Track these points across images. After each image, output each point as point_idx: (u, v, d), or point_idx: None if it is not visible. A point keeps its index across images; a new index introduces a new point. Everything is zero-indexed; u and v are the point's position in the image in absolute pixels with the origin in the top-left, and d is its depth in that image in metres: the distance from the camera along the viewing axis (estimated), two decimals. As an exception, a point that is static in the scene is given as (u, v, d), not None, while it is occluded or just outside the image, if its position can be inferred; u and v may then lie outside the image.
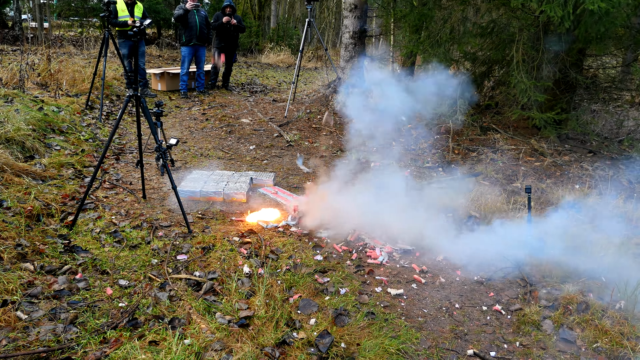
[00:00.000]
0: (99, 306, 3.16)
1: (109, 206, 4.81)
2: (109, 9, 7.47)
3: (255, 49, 21.12)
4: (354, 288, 3.61)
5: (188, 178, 5.56)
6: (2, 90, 6.90)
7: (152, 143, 6.85)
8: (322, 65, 16.11)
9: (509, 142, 7.07)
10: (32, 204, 4.34)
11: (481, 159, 6.60)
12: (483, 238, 4.38)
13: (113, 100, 9.37)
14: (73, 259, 3.74)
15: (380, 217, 4.71)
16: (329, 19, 25.89)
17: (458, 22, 7.12)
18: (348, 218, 4.64)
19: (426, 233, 4.43)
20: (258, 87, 12.78)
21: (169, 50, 17.97)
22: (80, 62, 10.40)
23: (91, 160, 5.93)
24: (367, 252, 4.18)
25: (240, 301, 3.31)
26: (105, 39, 7.65)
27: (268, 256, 3.99)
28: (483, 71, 7.80)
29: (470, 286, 3.75)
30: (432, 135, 7.58)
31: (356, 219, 4.64)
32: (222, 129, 8.16)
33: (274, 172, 6.14)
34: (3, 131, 5.42)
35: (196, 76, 10.88)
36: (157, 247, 4.03)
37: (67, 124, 6.71)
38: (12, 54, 12.29)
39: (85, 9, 19.44)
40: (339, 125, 8.42)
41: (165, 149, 4.43)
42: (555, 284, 3.72)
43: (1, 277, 3.20)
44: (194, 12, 10.11)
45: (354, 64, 9.55)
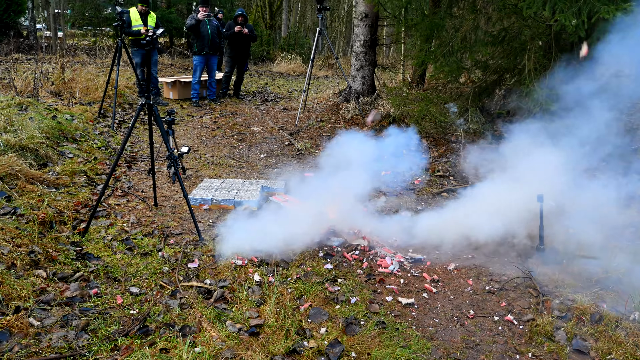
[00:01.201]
0: (110, 313, 3.17)
1: (121, 214, 4.84)
2: (122, 19, 7.56)
3: (266, 58, 21.24)
4: (364, 297, 3.60)
5: (199, 186, 5.59)
6: (17, 99, 6.98)
7: (163, 151, 6.90)
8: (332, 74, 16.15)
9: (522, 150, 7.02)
10: (45, 211, 4.38)
11: (493, 167, 6.55)
12: (494, 247, 4.35)
13: (125, 108, 9.45)
14: (85, 266, 3.76)
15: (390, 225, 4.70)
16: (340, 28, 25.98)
17: (469, 31, 7.11)
18: (358, 226, 4.63)
19: (436, 242, 4.41)
20: (269, 95, 12.83)
21: (181, 59, 18.12)
22: (94, 71, 10.51)
23: (103, 168, 5.97)
24: (377, 261, 4.17)
25: (250, 309, 3.31)
26: (118, 48, 7.74)
27: (278, 264, 3.98)
28: (494, 79, 7.77)
29: (481, 296, 3.72)
30: (442, 143, 7.55)
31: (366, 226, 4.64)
32: (233, 137, 8.20)
33: (285, 180, 6.15)
34: (17, 139, 5.48)
35: (208, 85, 10.95)
36: (168, 255, 4.05)
37: (80, 132, 6.77)
38: (26, 63, 12.45)
39: (98, 18, 19.68)
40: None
41: (176, 157, 4.46)
42: (568, 293, 3.68)
43: (14, 284, 3.23)
44: (205, 21, 10.20)
45: (364, 73, 9.57)
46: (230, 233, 4.27)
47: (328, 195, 4.66)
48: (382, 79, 10.77)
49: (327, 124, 9.02)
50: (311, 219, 4.48)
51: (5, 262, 3.43)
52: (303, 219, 4.47)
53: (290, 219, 4.51)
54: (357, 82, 9.65)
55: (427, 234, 4.57)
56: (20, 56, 14.39)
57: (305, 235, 4.33)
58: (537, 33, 6.56)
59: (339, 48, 26.09)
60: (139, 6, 9.16)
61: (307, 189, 5.13)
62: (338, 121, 9.15)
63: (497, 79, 7.75)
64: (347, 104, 9.60)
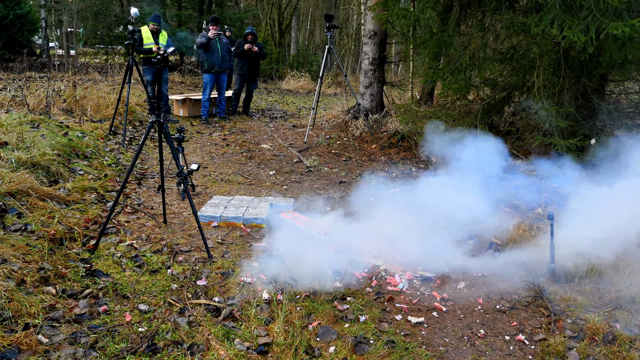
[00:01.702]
0: (118, 331, 3.17)
1: (130, 231, 4.86)
2: (134, 37, 7.66)
3: (275, 75, 21.39)
4: (373, 315, 3.57)
5: (208, 203, 5.60)
6: (30, 116, 7.07)
7: (173, 168, 6.93)
8: (341, 91, 16.22)
9: (531, 167, 7.00)
10: (55, 228, 4.40)
11: (502, 184, 6.53)
12: (505, 265, 4.31)
13: (136, 125, 9.53)
14: (94, 283, 3.76)
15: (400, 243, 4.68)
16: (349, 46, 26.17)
17: (478, 49, 7.13)
18: (367, 244, 4.62)
19: (447, 260, 4.38)
20: (278, 113, 12.90)
21: (191, 77, 18.29)
22: (105, 89, 10.63)
23: (114, 185, 6.01)
24: (386, 279, 4.14)
25: (259, 327, 3.29)
26: (129, 66, 7.83)
27: (287, 282, 3.97)
28: (503, 97, 7.77)
29: (492, 315, 3.68)
30: (452, 161, 7.54)
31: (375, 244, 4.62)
32: (242, 155, 8.23)
33: (294, 197, 6.15)
34: (29, 156, 5.54)
35: (217, 102, 11.04)
36: (177, 272, 4.05)
37: (91, 149, 6.83)
38: (39, 81, 12.62)
39: (110, 37, 19.98)
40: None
41: (186, 174, 4.48)
42: (580, 313, 3.63)
43: (24, 300, 3.24)
44: (216, 40, 10.31)
45: (373, 90, 9.61)
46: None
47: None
48: (390, 96, 10.81)
49: (336, 141, 9.04)
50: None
51: (16, 279, 3.45)
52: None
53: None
54: (366, 100, 9.69)
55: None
56: (33, 74, 14.59)
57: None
58: (545, 50, 6.58)
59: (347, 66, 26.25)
60: (150, 25, 9.30)
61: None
62: (347, 138, 9.17)
63: (506, 96, 7.76)
64: (356, 121, 9.63)
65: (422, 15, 7.68)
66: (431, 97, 11.30)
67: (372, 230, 4.88)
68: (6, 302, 3.13)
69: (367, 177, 6.96)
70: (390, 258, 4.47)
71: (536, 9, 6.96)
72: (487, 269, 4.32)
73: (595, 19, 5.49)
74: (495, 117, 8.26)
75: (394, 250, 4.61)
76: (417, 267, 4.33)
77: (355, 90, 10.41)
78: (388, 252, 4.57)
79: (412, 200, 5.69)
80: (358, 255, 4.51)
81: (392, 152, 8.21)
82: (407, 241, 4.79)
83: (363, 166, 7.75)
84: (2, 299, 3.14)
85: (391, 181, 6.72)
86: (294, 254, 4.45)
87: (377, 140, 8.72)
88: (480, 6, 7.49)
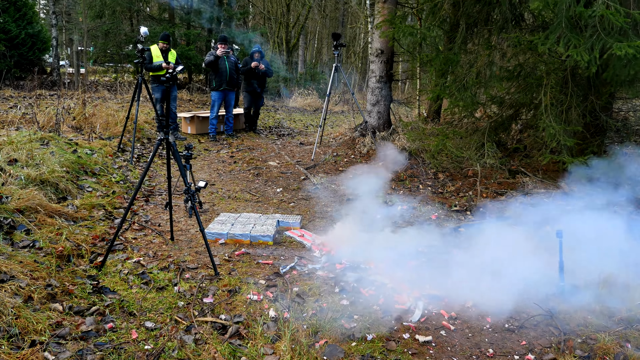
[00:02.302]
0: (125, 348, 3.16)
1: (138, 247, 4.86)
2: (143, 56, 7.75)
3: (282, 93, 21.52)
4: (381, 334, 3.54)
5: (215, 220, 5.61)
6: (39, 133, 7.14)
7: (181, 185, 6.96)
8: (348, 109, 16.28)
9: (539, 185, 6.97)
10: (63, 245, 4.42)
11: (510, 202, 6.51)
12: (513, 284, 4.28)
13: (144, 143, 9.60)
14: (101, 300, 3.76)
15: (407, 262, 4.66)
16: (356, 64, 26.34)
17: (484, 66, 7.16)
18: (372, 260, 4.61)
19: (455, 278, 4.35)
20: (285, 130, 12.95)
21: (199, 95, 18.43)
22: (114, 106, 10.73)
23: (121, 201, 6.04)
24: (394, 297, 4.11)
25: (265, 346, 3.27)
26: (138, 84, 7.92)
27: (294, 300, 3.95)
28: (510, 114, 7.78)
29: (501, 334, 3.64)
30: (459, 178, 7.53)
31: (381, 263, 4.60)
32: (249, 172, 8.26)
33: (301, 214, 6.15)
34: (38, 173, 5.58)
35: (225, 120, 11.11)
36: (184, 289, 4.04)
37: (100, 166, 6.88)
38: (49, 99, 12.75)
39: (120, 55, 20.21)
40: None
41: (193, 192, 4.49)
42: (591, 332, 3.59)
43: (31, 317, 3.24)
44: (224, 58, 10.40)
45: (380, 108, 9.64)
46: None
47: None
48: (397, 113, 10.84)
49: (343, 158, 9.06)
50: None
51: (23, 295, 3.45)
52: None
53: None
54: (373, 117, 9.72)
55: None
56: (44, 92, 14.75)
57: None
58: (552, 68, 6.59)
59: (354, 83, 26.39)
60: (160, 43, 9.42)
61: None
62: (354, 156, 9.18)
63: (513, 113, 7.76)
64: (363, 138, 9.66)
65: (429, 33, 7.72)
66: (438, 114, 11.33)
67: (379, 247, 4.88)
68: (13, 319, 3.14)
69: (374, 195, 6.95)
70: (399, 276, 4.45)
71: (542, 27, 6.99)
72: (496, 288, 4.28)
73: (600, 38, 5.51)
74: (503, 135, 8.25)
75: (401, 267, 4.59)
76: (424, 286, 4.31)
77: (363, 108, 10.45)
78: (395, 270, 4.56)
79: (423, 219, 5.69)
80: (365, 273, 4.50)
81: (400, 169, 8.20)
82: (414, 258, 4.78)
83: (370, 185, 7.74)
84: (10, 316, 3.14)
85: (399, 198, 6.70)
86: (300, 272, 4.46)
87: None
88: (486, 25, 7.53)
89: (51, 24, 17.76)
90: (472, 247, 4.93)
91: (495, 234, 5.04)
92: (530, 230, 5.03)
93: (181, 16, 20.12)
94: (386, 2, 9.18)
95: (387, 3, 9.18)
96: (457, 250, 4.93)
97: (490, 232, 5.13)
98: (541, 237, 4.72)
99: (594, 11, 5.44)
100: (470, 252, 4.84)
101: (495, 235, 5.00)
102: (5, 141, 6.36)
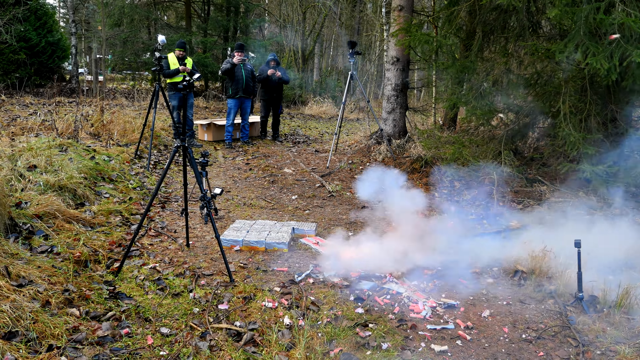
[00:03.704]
0: (140, 354, 3.17)
1: (154, 254, 4.89)
2: (161, 64, 7.83)
3: (298, 101, 21.58)
4: (396, 343, 3.51)
5: (231, 227, 5.62)
6: (58, 140, 7.23)
7: (197, 192, 7.00)
8: (364, 117, 16.29)
9: (556, 194, 6.89)
10: (80, 250, 4.46)
11: (527, 211, 6.44)
12: (531, 294, 4.22)
13: (161, 150, 9.67)
14: (117, 306, 3.79)
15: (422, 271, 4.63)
16: (371, 72, 26.32)
17: (501, 74, 7.11)
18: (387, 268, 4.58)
19: (471, 287, 4.31)
20: (301, 137, 12.98)
21: (216, 102, 18.56)
22: (131, 114, 10.84)
23: (138, 208, 6.08)
24: (409, 306, 4.08)
25: (280, 353, 3.26)
26: (155, 92, 7.99)
27: (309, 307, 3.94)
28: (527, 122, 7.71)
29: (518, 344, 3.59)
30: (475, 186, 7.47)
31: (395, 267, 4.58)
32: (265, 179, 8.28)
33: (316, 222, 6.14)
34: (57, 179, 5.65)
35: (241, 127, 11.16)
36: (199, 296, 4.05)
37: (117, 173, 6.94)
38: (68, 106, 12.93)
39: (137, 63, 20.44)
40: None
41: (209, 198, 4.51)
42: (610, 344, 3.52)
43: (48, 322, 3.26)
44: (240, 66, 10.47)
45: (396, 115, 9.62)
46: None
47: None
48: (413, 121, 10.81)
49: (358, 166, 9.04)
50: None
51: (41, 300, 3.49)
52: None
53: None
54: (389, 125, 9.70)
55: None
56: (63, 99, 14.96)
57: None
58: (570, 76, 6.53)
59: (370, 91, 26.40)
60: (177, 51, 9.51)
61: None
62: (369, 163, 9.16)
63: (530, 121, 7.69)
64: (379, 146, 9.64)
65: (445, 41, 7.70)
66: (454, 122, 11.27)
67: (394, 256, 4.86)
68: (31, 323, 3.16)
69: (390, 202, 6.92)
70: (414, 284, 4.42)
71: (560, 35, 6.93)
72: (513, 297, 4.24)
73: (620, 45, 5.45)
74: (520, 143, 8.18)
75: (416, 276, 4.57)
76: (440, 294, 4.27)
77: (378, 116, 10.44)
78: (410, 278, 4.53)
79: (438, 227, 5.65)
80: (380, 281, 4.48)
81: (415, 177, 8.16)
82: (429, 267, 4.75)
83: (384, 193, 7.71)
84: (28, 320, 3.17)
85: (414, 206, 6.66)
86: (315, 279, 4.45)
87: (399, 166, 8.69)
88: (503, 32, 7.49)
89: (70, 32, 18.05)
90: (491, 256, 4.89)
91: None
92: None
93: (198, 24, 20.32)
94: (402, 10, 9.18)
95: (403, 11, 9.18)
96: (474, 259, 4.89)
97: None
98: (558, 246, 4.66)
99: (614, 19, 5.38)
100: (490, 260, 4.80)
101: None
102: (25, 147, 6.46)
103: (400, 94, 9.57)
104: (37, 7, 17.41)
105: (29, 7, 16.38)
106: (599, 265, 4.38)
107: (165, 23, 22.31)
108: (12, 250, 4.07)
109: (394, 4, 9.43)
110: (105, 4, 19.35)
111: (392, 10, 9.56)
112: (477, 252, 4.99)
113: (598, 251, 4.52)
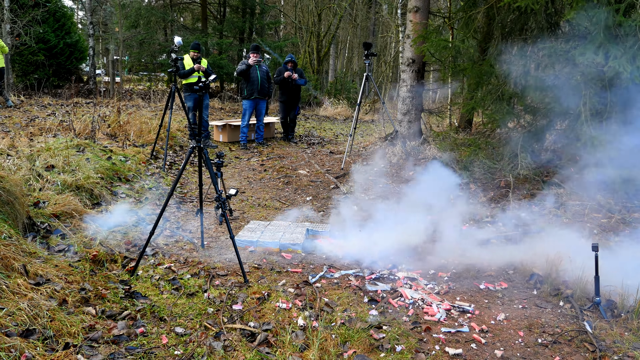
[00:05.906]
0: (155, 353, 3.19)
1: (169, 254, 4.92)
2: (177, 65, 7.88)
3: (313, 102, 21.61)
4: (410, 345, 3.49)
5: (245, 228, 5.64)
6: (75, 140, 7.30)
7: (212, 192, 7.03)
8: (379, 118, 16.24)
9: (573, 197, 6.81)
10: (97, 250, 4.50)
11: (543, 214, 6.37)
12: (547, 297, 4.17)
13: (176, 150, 9.74)
14: (133, 305, 3.81)
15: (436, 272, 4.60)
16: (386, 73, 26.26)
17: (519, 77, 7.05)
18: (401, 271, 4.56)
19: (486, 290, 4.27)
20: (315, 139, 12.98)
21: (231, 103, 18.64)
22: (147, 114, 10.94)
23: (154, 208, 6.12)
24: (424, 309, 4.06)
25: (293, 354, 3.26)
26: (171, 93, 8.04)
27: (323, 309, 3.93)
28: (544, 124, 7.63)
29: (533, 349, 3.55)
30: (491, 189, 7.41)
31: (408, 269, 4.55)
32: (279, 180, 8.29)
33: (330, 223, 6.13)
34: (74, 179, 5.70)
35: (256, 128, 11.20)
36: (214, 296, 4.06)
37: (133, 173, 7.00)
38: (85, 107, 13.06)
39: (154, 64, 20.63)
40: (397, 179, 8.39)
41: (224, 199, 4.53)
42: (627, 350, 3.47)
43: (65, 320, 3.29)
44: (255, 67, 10.51)
45: (411, 117, 9.58)
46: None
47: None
48: (428, 123, 10.76)
49: (372, 167, 9.02)
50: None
51: (58, 299, 3.52)
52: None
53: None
54: (404, 127, 9.66)
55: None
56: (80, 100, 15.12)
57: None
58: (589, 78, 6.44)
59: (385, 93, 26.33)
60: (191, 52, 9.58)
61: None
62: (384, 165, 9.13)
63: (547, 123, 7.61)
64: (394, 148, 9.60)
65: (463, 45, 7.65)
66: (470, 124, 11.19)
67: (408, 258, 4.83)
68: (48, 321, 3.20)
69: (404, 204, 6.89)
70: (429, 287, 4.40)
71: (580, 36, 6.85)
72: (528, 301, 4.19)
73: (642, 46, 5.38)
74: (536, 145, 8.09)
75: (430, 279, 4.54)
76: (455, 297, 4.24)
77: (393, 117, 10.40)
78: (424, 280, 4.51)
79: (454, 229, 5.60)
80: (395, 283, 4.46)
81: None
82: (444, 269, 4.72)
83: (400, 193, 7.68)
84: (45, 318, 3.20)
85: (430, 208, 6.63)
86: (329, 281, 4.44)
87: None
88: (521, 34, 7.42)
89: (88, 34, 18.25)
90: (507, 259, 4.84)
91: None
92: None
93: (214, 26, 20.44)
94: (418, 12, 9.14)
95: (419, 12, 9.14)
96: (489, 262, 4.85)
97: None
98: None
99: (635, 20, 5.31)
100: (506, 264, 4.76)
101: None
102: (43, 148, 6.53)
103: (416, 96, 9.52)
104: (55, 9, 17.64)
105: (48, 9, 16.59)
106: (617, 269, 4.31)
107: (181, 24, 22.47)
108: (30, 249, 4.12)
109: (409, 5, 9.40)
110: (122, 6, 19.56)
111: (408, 11, 9.53)
112: (492, 254, 4.95)
113: (616, 255, 4.46)
